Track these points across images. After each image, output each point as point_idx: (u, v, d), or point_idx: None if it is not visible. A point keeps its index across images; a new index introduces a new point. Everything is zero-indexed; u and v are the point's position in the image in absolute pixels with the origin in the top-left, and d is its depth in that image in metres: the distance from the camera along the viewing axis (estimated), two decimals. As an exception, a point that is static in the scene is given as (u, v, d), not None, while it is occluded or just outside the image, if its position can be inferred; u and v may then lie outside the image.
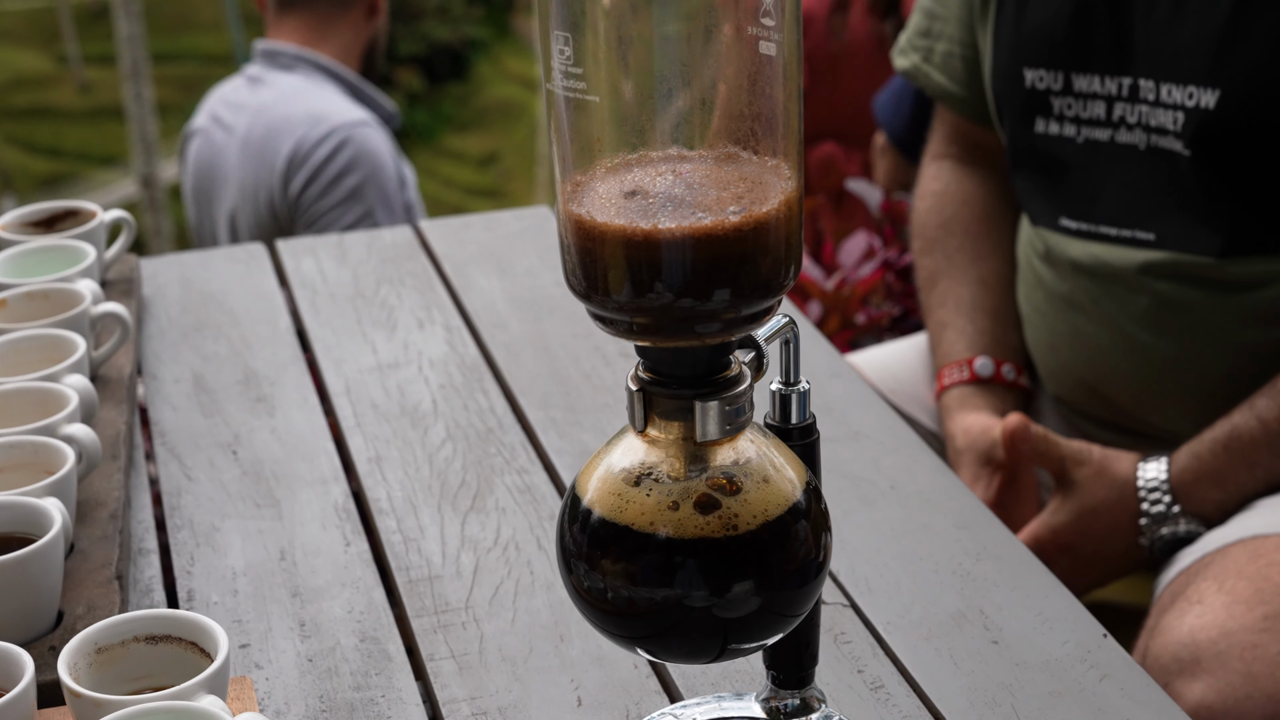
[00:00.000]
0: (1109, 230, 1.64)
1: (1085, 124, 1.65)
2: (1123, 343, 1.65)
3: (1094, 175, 1.66)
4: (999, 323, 1.80)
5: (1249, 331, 1.60)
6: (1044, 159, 1.70)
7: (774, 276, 0.86)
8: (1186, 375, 1.63)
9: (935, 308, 1.84)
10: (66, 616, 1.13)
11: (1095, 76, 1.63)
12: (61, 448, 1.20)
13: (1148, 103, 1.60)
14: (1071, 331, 1.70)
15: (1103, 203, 1.65)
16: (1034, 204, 1.73)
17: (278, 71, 2.92)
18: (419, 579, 1.24)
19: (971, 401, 1.75)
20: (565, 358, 1.57)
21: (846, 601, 1.20)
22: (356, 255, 1.82)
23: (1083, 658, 1.12)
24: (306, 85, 2.90)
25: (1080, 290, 1.67)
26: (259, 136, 2.82)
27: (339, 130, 2.78)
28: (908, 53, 1.89)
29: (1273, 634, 1.34)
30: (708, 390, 0.89)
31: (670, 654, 0.93)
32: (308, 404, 1.51)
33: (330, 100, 2.88)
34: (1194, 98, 1.55)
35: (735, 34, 0.83)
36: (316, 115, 2.82)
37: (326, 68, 2.92)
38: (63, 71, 17.32)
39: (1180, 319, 1.62)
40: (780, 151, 0.86)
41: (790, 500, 0.90)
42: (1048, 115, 1.68)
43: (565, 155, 0.86)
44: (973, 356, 1.78)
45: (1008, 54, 1.71)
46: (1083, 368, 1.71)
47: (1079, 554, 1.61)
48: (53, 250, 1.56)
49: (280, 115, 2.83)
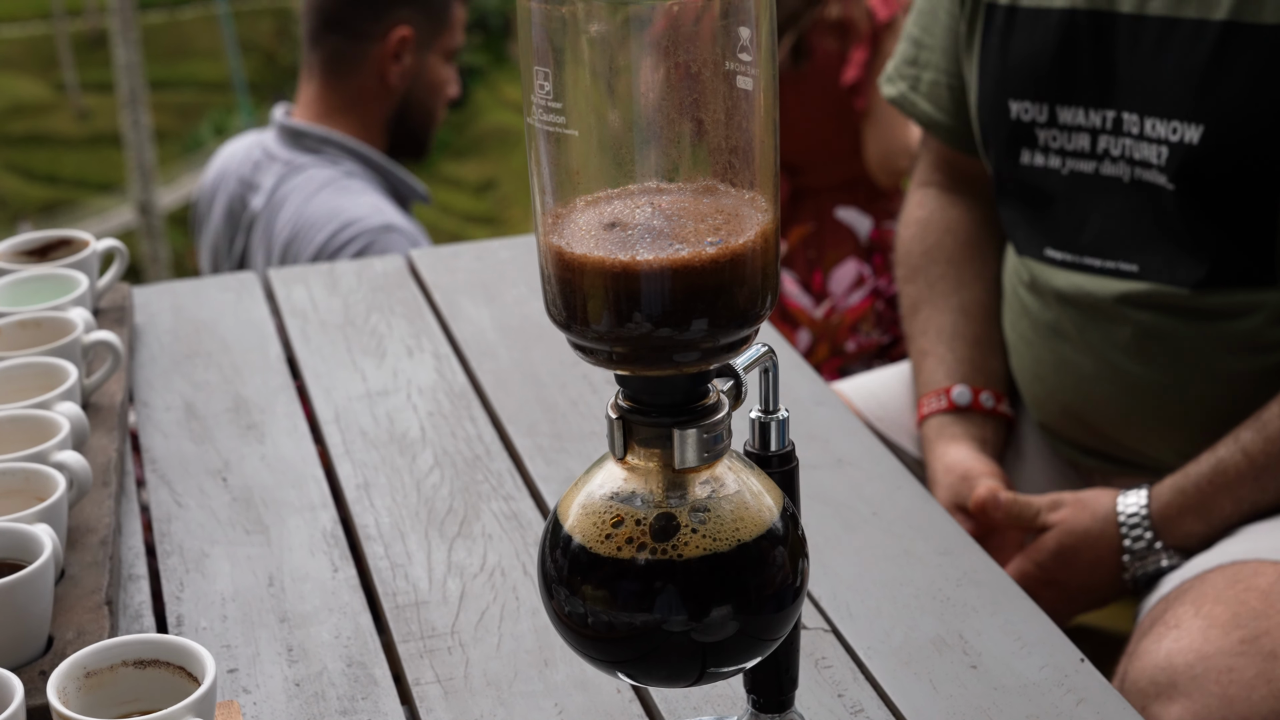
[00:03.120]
0: (1093, 261, 1.66)
1: (1070, 156, 1.67)
2: (1107, 371, 1.67)
3: (1078, 206, 1.67)
4: (979, 350, 1.82)
5: (1231, 360, 1.61)
6: (1029, 190, 1.72)
7: (751, 306, 0.88)
8: (1170, 403, 1.65)
9: (917, 335, 1.86)
10: (56, 641, 1.14)
11: (1079, 109, 1.65)
12: (53, 474, 1.22)
13: (1131, 136, 1.61)
14: (1056, 360, 1.72)
15: (1086, 234, 1.67)
16: (1019, 234, 1.75)
17: (301, 154, 2.75)
18: (406, 604, 1.26)
19: (949, 431, 1.76)
20: (552, 385, 1.58)
21: (828, 626, 1.21)
22: (347, 284, 1.84)
23: (1060, 682, 1.14)
24: (332, 176, 2.72)
25: (1065, 319, 1.69)
26: (284, 238, 2.69)
27: (363, 236, 2.61)
28: (895, 81, 1.91)
29: (1249, 657, 1.36)
30: (686, 418, 0.90)
31: (650, 678, 0.95)
32: (297, 431, 1.52)
33: (356, 198, 2.69)
34: (1178, 133, 1.57)
35: (713, 70, 0.85)
36: (342, 218, 2.64)
37: (350, 149, 2.74)
38: (61, 99, 17.37)
39: (1163, 348, 1.63)
40: (757, 184, 0.88)
41: (767, 526, 0.91)
42: (1033, 146, 1.70)
43: (545, 187, 0.88)
44: (950, 385, 1.79)
45: (993, 85, 1.73)
46: (1068, 395, 1.72)
47: (1063, 587, 1.62)
48: (46, 279, 1.57)
49: (305, 217, 2.71)
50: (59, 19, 17.59)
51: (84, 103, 17.04)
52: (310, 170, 2.70)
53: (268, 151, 2.76)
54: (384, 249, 2.57)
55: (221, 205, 2.82)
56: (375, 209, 2.65)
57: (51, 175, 16.04)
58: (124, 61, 9.64)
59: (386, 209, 2.67)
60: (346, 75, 2.73)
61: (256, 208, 2.74)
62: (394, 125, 2.79)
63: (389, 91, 2.75)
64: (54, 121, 16.97)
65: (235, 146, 2.88)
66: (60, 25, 17.53)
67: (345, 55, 2.73)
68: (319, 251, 2.60)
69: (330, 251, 2.59)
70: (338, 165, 2.73)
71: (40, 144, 16.52)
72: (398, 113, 2.78)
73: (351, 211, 2.64)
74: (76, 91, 17.12)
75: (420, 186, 2.82)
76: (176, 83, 16.69)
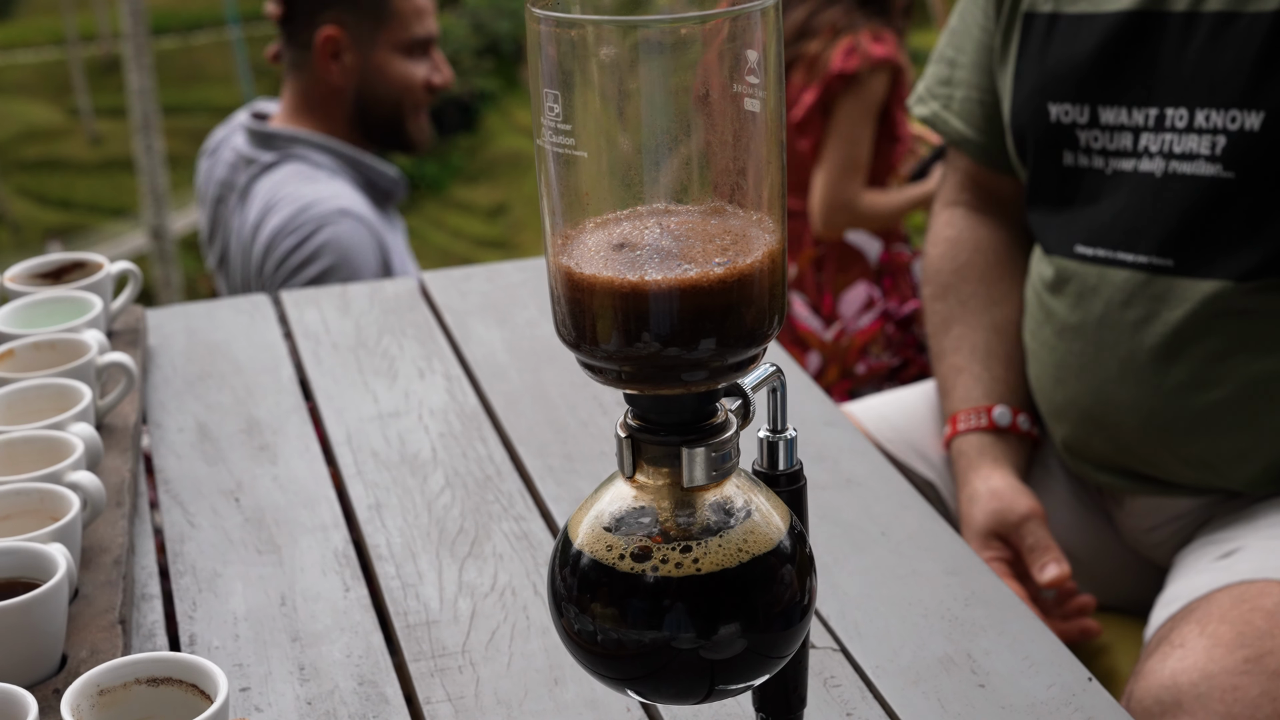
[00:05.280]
0: (1126, 256, 1.67)
1: (1113, 155, 1.68)
2: (1133, 373, 1.67)
3: (1116, 203, 1.68)
4: (1014, 371, 1.83)
5: (1259, 362, 1.61)
6: (1067, 189, 1.73)
7: (758, 326, 0.89)
8: (1193, 406, 1.65)
9: (949, 352, 1.86)
10: (70, 660, 1.15)
11: (1122, 108, 1.66)
12: (67, 494, 1.23)
13: (1175, 130, 1.62)
14: (1080, 363, 1.72)
15: (1118, 229, 1.67)
16: (1050, 233, 1.75)
17: (270, 153, 2.80)
18: (417, 624, 1.26)
19: (991, 452, 1.77)
20: (563, 406, 1.59)
21: (836, 645, 1.22)
22: (359, 306, 1.85)
23: (1068, 701, 1.14)
24: (301, 169, 2.77)
25: (1091, 318, 1.69)
26: (252, 222, 2.73)
27: (317, 219, 2.65)
28: (926, 101, 1.93)
29: (1253, 676, 1.36)
30: (694, 437, 0.91)
31: (659, 695, 0.95)
32: (309, 452, 1.53)
33: (318, 185, 2.73)
34: (1236, 121, 1.58)
35: (721, 92, 0.86)
36: (301, 201, 2.69)
37: (317, 144, 2.79)
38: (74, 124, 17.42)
39: (1190, 347, 1.63)
40: (764, 205, 0.89)
41: (775, 543, 0.92)
42: (1075, 148, 1.71)
43: (555, 209, 0.89)
44: (990, 404, 1.80)
45: (1031, 90, 1.74)
46: (1089, 400, 1.72)
47: None
48: (60, 301, 1.59)
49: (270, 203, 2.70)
50: (72, 44, 17.65)
51: (97, 128, 17.09)
52: (282, 165, 2.78)
53: (241, 155, 2.83)
54: (340, 234, 2.61)
55: (207, 209, 2.91)
56: (335, 194, 2.69)
57: (64, 200, 16.07)
58: (137, 87, 9.66)
59: (348, 195, 2.71)
60: (300, 78, 2.80)
61: (232, 205, 2.82)
62: (359, 120, 2.83)
63: (339, 90, 2.79)
64: (67, 146, 17.02)
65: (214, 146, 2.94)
66: (74, 51, 17.60)
67: (294, 60, 2.80)
68: (276, 233, 2.67)
69: (287, 232, 2.64)
70: (308, 160, 2.78)
71: (53, 169, 16.56)
72: (358, 109, 2.81)
73: (311, 195, 2.69)
74: (89, 116, 17.17)
75: (393, 171, 2.83)
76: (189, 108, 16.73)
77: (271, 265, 2.68)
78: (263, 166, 2.79)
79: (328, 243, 2.62)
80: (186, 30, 18.72)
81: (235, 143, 2.85)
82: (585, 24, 0.85)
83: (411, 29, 2.79)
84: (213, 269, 2.97)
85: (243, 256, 2.78)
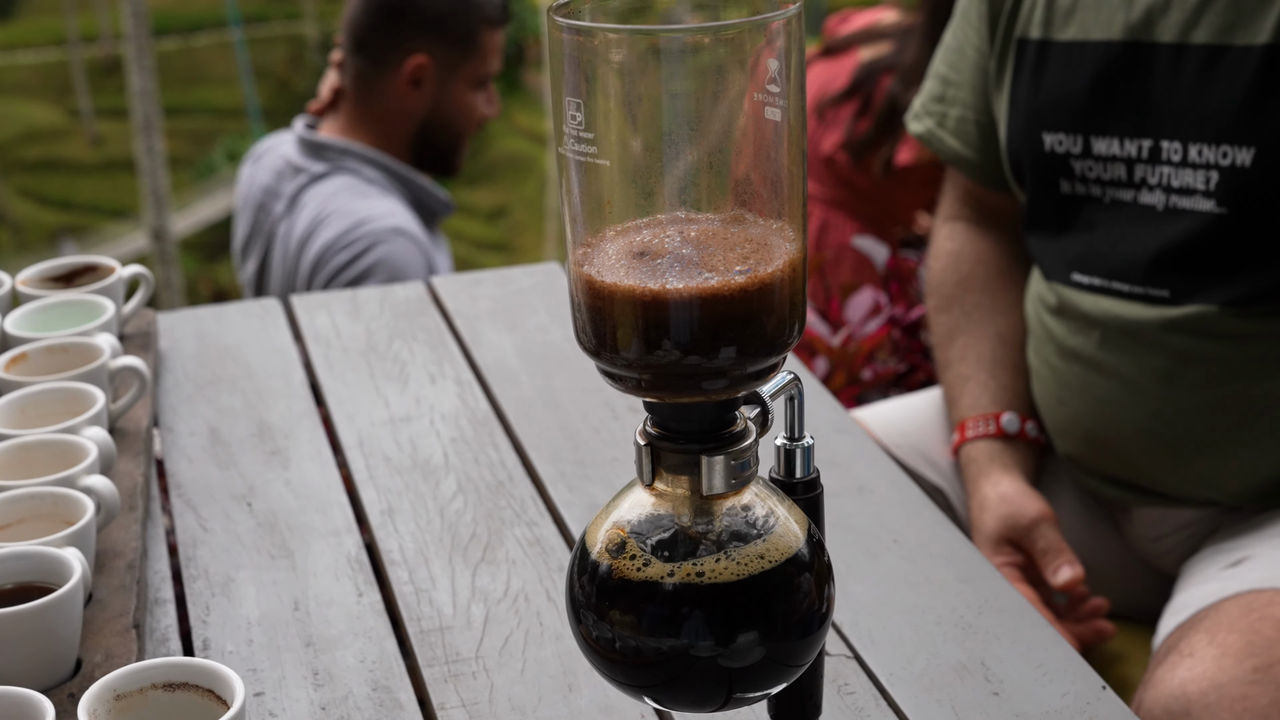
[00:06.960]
0: (1121, 286, 1.67)
1: (1108, 185, 1.68)
2: (1134, 397, 1.67)
3: (1111, 233, 1.68)
4: (1019, 379, 1.84)
5: (1258, 385, 1.62)
6: (1064, 217, 1.73)
7: (778, 335, 0.89)
8: (1195, 428, 1.65)
9: (954, 361, 1.87)
10: (85, 664, 1.15)
11: (1115, 139, 1.67)
12: (81, 499, 1.23)
13: (1171, 163, 1.62)
14: (1081, 385, 1.72)
15: (1114, 259, 1.68)
16: (1046, 259, 1.76)
17: (321, 164, 2.79)
18: (430, 629, 1.26)
19: (1001, 459, 1.78)
20: (575, 412, 1.59)
21: (850, 653, 1.22)
22: (370, 311, 1.85)
23: (1082, 709, 1.14)
24: (352, 182, 2.77)
25: (1091, 344, 1.70)
26: (300, 235, 2.73)
27: (370, 235, 2.66)
28: (921, 117, 1.93)
29: (1262, 686, 1.36)
30: (714, 445, 0.91)
31: (677, 703, 0.95)
32: (321, 457, 1.53)
33: (372, 201, 2.73)
34: (1228, 156, 1.58)
35: (743, 100, 0.86)
36: (355, 217, 2.69)
37: (371, 159, 2.78)
38: (75, 125, 17.43)
39: (1191, 372, 1.64)
40: (785, 214, 0.89)
41: (793, 552, 0.92)
42: (1071, 177, 1.71)
43: (576, 217, 0.89)
44: (999, 411, 1.80)
45: (1025, 118, 1.74)
46: (1091, 421, 1.73)
47: None
48: (72, 305, 1.59)
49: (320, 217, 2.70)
50: (74, 45, 17.66)
51: (98, 129, 17.10)
52: (332, 177, 2.77)
53: (290, 163, 2.82)
54: (392, 253, 2.62)
55: (248, 214, 2.88)
56: (389, 212, 2.70)
57: (65, 201, 16.08)
58: (138, 88, 9.66)
59: (401, 214, 2.71)
60: (369, 95, 2.80)
61: (278, 213, 2.81)
62: (418, 143, 2.85)
63: (410, 114, 2.81)
64: (68, 147, 17.02)
65: (261, 153, 2.93)
66: (75, 52, 17.60)
67: (368, 77, 2.79)
68: (327, 248, 2.66)
69: (339, 248, 2.64)
70: (359, 174, 2.78)
71: (54, 170, 16.57)
72: (421, 132, 2.84)
73: (364, 212, 2.69)
74: (91, 118, 17.17)
75: (443, 194, 2.86)
76: (190, 109, 16.74)
77: (322, 279, 2.68)
78: (312, 176, 2.79)
79: (381, 260, 2.63)
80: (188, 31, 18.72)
81: (284, 150, 2.85)
82: (608, 33, 0.85)
83: (489, 65, 2.82)
84: (246, 280, 2.95)
85: (286, 265, 2.77)
